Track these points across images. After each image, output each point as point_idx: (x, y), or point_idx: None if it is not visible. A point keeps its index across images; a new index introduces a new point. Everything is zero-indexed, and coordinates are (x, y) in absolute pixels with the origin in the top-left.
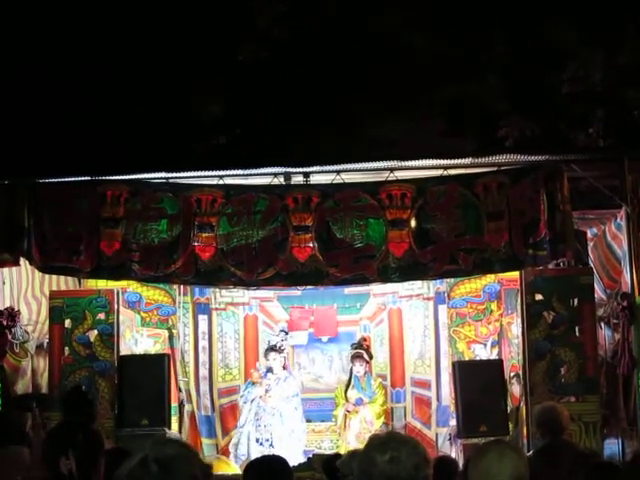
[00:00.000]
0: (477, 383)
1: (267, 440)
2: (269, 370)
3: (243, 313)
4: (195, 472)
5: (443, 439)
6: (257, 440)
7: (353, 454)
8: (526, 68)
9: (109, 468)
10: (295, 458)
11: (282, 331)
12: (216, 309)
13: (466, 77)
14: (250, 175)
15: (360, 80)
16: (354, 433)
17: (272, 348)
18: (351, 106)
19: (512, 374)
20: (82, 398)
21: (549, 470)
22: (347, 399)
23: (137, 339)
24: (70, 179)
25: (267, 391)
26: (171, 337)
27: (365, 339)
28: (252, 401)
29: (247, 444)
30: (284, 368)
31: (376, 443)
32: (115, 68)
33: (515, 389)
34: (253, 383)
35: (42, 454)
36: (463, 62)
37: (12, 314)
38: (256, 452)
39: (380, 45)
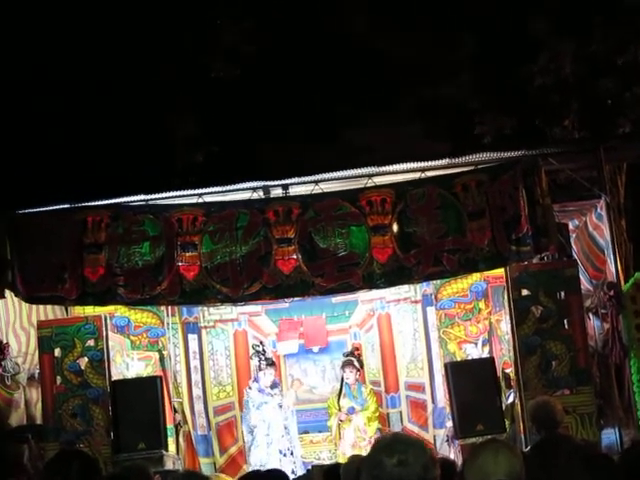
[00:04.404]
0: (470, 383)
1: (288, 449)
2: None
3: (232, 329)
4: None
5: (441, 441)
6: (280, 452)
7: (353, 460)
8: (497, 63)
9: None
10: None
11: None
12: (205, 327)
13: (438, 78)
14: (229, 191)
15: (333, 89)
16: (349, 442)
17: (271, 363)
18: (325, 115)
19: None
20: None
21: (547, 465)
22: (339, 408)
23: (128, 363)
24: (50, 208)
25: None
26: (162, 359)
27: (357, 348)
28: (260, 406)
29: (266, 450)
30: (274, 385)
31: (382, 445)
32: (87, 95)
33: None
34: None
35: None
36: (434, 63)
37: (1, 347)
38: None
39: (350, 53)
